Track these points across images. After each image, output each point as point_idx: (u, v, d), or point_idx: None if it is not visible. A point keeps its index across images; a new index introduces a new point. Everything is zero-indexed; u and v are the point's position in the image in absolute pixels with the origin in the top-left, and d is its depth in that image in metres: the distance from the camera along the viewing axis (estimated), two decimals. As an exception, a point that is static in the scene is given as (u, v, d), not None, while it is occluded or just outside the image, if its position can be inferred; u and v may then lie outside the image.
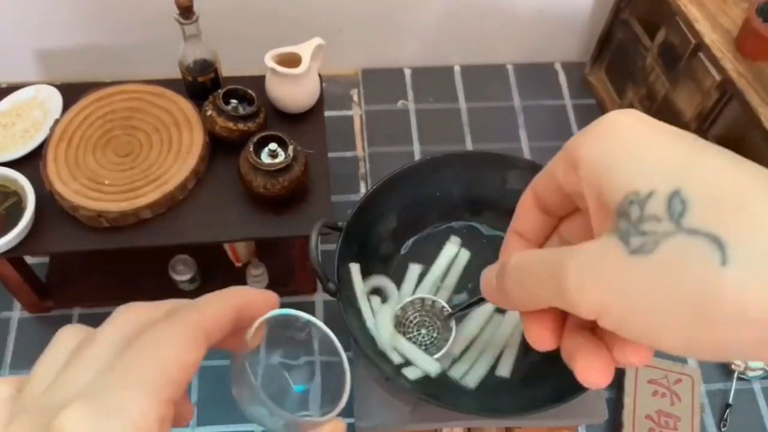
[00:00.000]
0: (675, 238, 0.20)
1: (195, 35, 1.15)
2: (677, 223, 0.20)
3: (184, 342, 0.25)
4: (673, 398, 1.28)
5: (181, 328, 0.25)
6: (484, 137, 1.67)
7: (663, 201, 0.21)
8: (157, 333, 0.24)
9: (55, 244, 1.12)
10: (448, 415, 0.86)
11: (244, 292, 0.28)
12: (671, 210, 0.21)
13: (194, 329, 0.25)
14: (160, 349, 0.24)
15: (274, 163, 1.09)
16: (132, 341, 0.24)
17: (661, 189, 0.21)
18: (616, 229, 0.22)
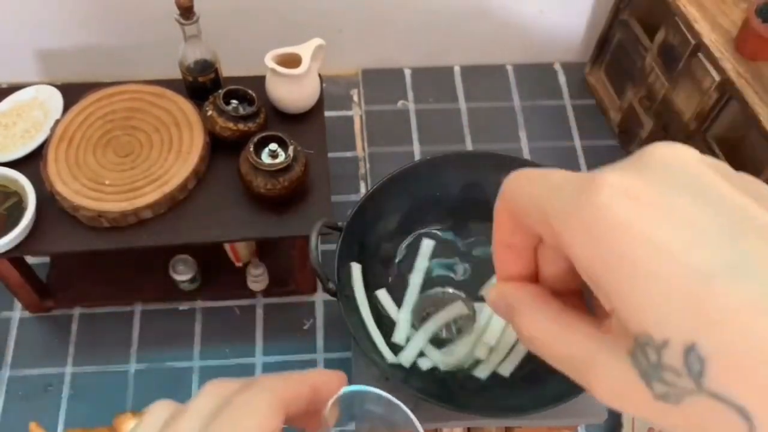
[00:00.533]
0: (698, 397, 0.18)
1: (195, 35, 1.15)
2: (697, 382, 0.18)
3: (267, 409, 0.26)
4: (673, 398, 1.28)
5: (265, 395, 0.26)
6: (484, 137, 1.67)
7: (680, 354, 0.18)
8: (249, 398, 0.26)
9: (55, 244, 1.12)
10: (448, 415, 0.86)
11: (319, 373, 0.30)
12: (689, 366, 0.18)
13: (278, 397, 0.26)
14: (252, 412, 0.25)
15: (274, 163, 1.09)
16: (220, 409, 0.25)
17: (675, 339, 0.18)
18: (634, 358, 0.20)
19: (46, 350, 1.35)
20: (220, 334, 1.37)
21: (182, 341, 1.36)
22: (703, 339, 0.18)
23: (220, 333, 1.37)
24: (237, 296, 1.40)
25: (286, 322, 1.39)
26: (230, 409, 0.25)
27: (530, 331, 0.25)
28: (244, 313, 1.39)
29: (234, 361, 1.34)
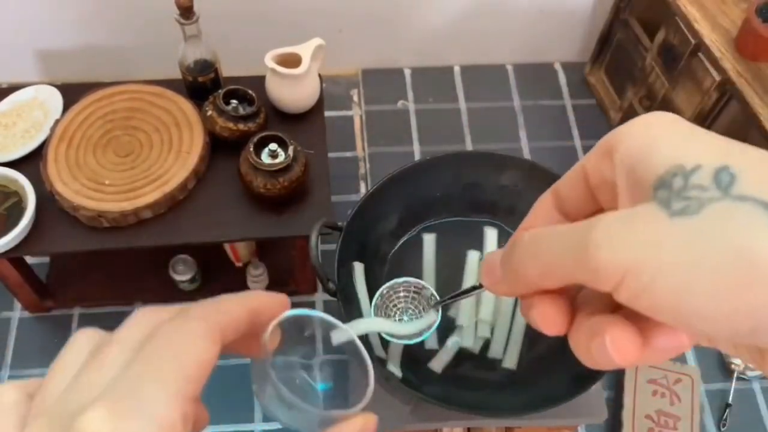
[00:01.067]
0: (721, 202, 0.20)
1: (195, 35, 1.15)
2: (725, 191, 0.20)
3: (202, 338, 0.24)
4: (673, 398, 1.28)
5: (198, 324, 0.25)
6: (484, 137, 1.67)
7: (710, 173, 0.20)
8: (174, 329, 0.24)
9: (55, 244, 1.12)
10: (448, 415, 0.86)
11: (257, 296, 0.28)
12: (718, 181, 0.20)
13: (211, 326, 0.25)
14: (178, 345, 0.24)
15: (274, 163, 1.09)
16: (150, 339, 0.24)
17: (707, 163, 0.21)
18: (653, 197, 0.21)
19: (46, 350, 1.35)
20: (220, 334, 1.37)
21: (182, 341, 1.35)
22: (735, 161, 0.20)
23: (220, 333, 1.37)
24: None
25: (286, 322, 1.38)
26: (159, 339, 0.24)
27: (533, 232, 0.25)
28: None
29: (233, 361, 1.33)
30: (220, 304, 0.26)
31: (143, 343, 0.24)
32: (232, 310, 0.26)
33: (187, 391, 0.23)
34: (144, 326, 0.25)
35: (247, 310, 0.27)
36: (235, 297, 0.27)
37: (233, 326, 0.26)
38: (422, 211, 0.95)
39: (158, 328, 0.24)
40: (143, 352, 0.23)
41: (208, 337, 0.24)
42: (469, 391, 0.85)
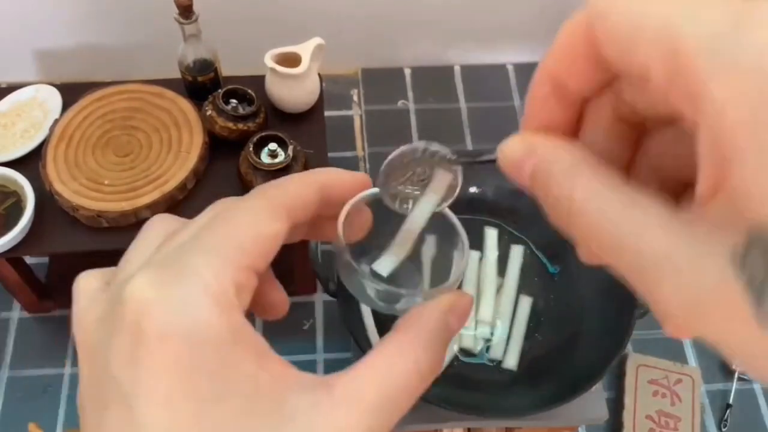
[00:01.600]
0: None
1: (195, 35, 1.15)
2: None
3: (262, 213, 0.23)
4: (674, 398, 1.28)
5: (258, 200, 0.24)
6: (484, 137, 1.67)
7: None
8: (232, 206, 0.24)
9: (54, 244, 1.12)
10: (448, 415, 0.86)
11: (329, 171, 0.27)
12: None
13: (272, 201, 0.24)
14: (235, 219, 0.23)
15: (274, 163, 1.09)
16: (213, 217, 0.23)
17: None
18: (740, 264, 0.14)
19: (45, 351, 1.35)
20: (220, 335, 1.37)
21: (182, 341, 1.35)
22: None
23: (220, 333, 1.37)
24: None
25: (286, 323, 1.38)
26: (221, 216, 0.23)
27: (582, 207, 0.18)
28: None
29: (234, 362, 1.33)
30: (283, 182, 0.25)
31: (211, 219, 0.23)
32: (297, 188, 0.25)
33: (241, 261, 0.22)
34: (216, 209, 0.24)
35: (315, 187, 0.26)
36: (302, 174, 0.26)
37: (299, 204, 0.25)
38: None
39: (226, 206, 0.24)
40: (203, 229, 0.23)
41: (268, 213, 0.24)
42: (469, 392, 0.85)
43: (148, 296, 0.20)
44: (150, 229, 0.25)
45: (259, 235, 0.23)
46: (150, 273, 0.21)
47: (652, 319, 0.86)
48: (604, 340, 0.83)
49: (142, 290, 0.20)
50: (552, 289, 0.90)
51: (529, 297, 0.89)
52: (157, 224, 0.25)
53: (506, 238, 0.93)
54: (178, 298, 0.20)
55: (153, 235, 0.25)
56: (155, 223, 0.25)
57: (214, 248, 0.22)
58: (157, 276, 0.21)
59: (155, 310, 0.20)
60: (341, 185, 0.27)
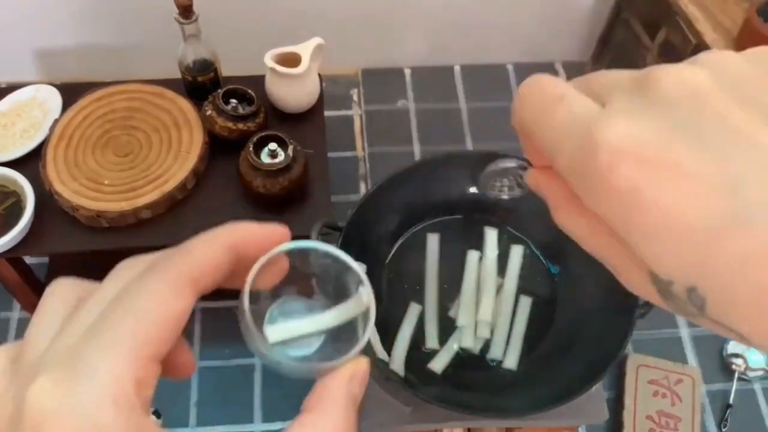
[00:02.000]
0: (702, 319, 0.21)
1: (195, 35, 1.15)
2: (701, 311, 0.21)
3: (162, 293, 0.23)
4: (674, 398, 1.28)
5: (160, 277, 0.23)
6: (484, 137, 1.67)
7: (683, 292, 0.21)
8: (134, 286, 0.23)
9: (54, 244, 1.12)
10: (448, 415, 0.86)
11: (239, 228, 0.25)
12: (692, 301, 0.21)
13: (175, 278, 0.23)
14: (135, 303, 0.22)
15: (274, 163, 1.09)
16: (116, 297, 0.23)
17: (678, 281, 0.21)
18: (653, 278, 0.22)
19: (46, 350, 1.35)
20: (220, 335, 1.36)
21: (182, 341, 1.35)
22: (701, 284, 0.20)
23: (220, 333, 1.37)
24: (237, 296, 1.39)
25: (286, 323, 1.38)
26: (123, 297, 0.22)
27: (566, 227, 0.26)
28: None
29: (234, 362, 1.33)
30: (188, 250, 0.24)
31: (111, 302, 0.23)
32: (204, 254, 0.24)
33: (144, 351, 0.22)
34: (120, 279, 0.24)
35: (225, 249, 0.25)
36: (211, 234, 0.25)
37: (206, 271, 0.24)
38: (422, 211, 0.95)
39: (129, 283, 0.23)
40: (105, 313, 0.22)
41: (169, 291, 0.23)
42: (469, 392, 0.85)
43: (47, 405, 0.20)
44: (51, 300, 0.24)
45: (162, 321, 0.22)
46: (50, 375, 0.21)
47: (652, 319, 0.87)
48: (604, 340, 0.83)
49: (41, 398, 0.20)
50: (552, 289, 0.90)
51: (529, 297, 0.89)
52: (58, 294, 0.25)
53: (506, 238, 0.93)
54: (77, 404, 0.20)
55: (55, 308, 0.24)
56: (56, 292, 0.25)
57: (113, 344, 0.21)
58: (56, 380, 0.21)
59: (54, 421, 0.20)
60: (254, 242, 0.26)
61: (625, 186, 0.20)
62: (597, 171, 0.21)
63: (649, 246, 0.21)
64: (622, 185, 0.20)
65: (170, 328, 0.23)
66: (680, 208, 0.20)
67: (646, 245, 0.21)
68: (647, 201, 0.20)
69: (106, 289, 0.23)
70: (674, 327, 1.43)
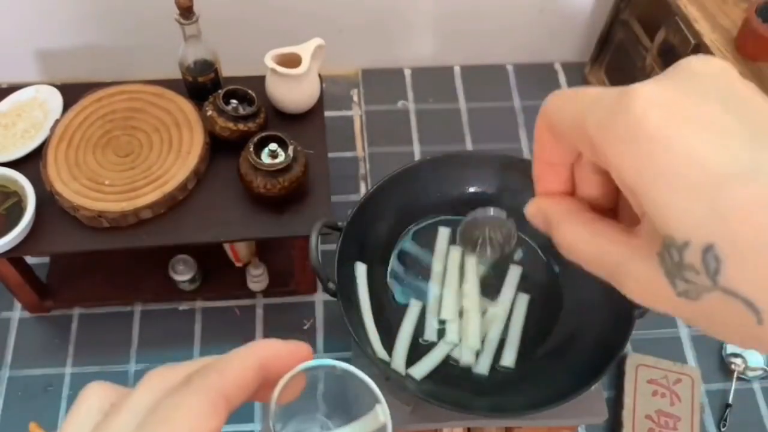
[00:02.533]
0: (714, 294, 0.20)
1: (195, 35, 1.15)
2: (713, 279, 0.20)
3: (199, 411, 0.24)
4: (673, 398, 1.28)
5: (197, 396, 0.24)
6: (484, 137, 1.67)
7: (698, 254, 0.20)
8: (172, 402, 0.24)
9: (55, 244, 1.12)
10: (448, 415, 0.86)
11: (268, 347, 0.27)
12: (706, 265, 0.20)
13: (212, 395, 0.24)
14: (174, 419, 0.23)
15: (274, 163, 1.09)
16: (152, 411, 0.24)
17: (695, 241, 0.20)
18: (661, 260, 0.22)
19: (46, 350, 1.35)
20: (220, 335, 1.37)
21: (182, 341, 1.36)
22: (719, 240, 0.20)
23: (220, 333, 1.37)
24: (237, 296, 1.40)
25: (286, 322, 1.39)
26: (159, 413, 0.23)
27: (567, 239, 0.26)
28: (244, 313, 1.39)
29: (234, 361, 1.33)
30: (223, 367, 0.25)
31: (147, 413, 0.24)
32: (237, 372, 0.25)
33: None
34: (153, 391, 0.25)
35: (256, 366, 0.26)
36: (243, 353, 0.26)
37: (239, 389, 0.25)
38: (422, 211, 0.95)
39: (163, 397, 0.24)
40: (143, 426, 0.23)
41: (206, 410, 0.24)
42: (468, 392, 0.85)
43: None
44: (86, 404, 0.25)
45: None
46: None
47: (652, 319, 0.87)
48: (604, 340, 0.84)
49: None
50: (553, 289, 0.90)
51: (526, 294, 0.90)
52: (93, 398, 0.25)
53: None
54: None
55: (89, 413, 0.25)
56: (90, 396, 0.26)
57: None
58: None
59: None
60: (281, 361, 0.27)
61: (654, 129, 0.21)
62: (628, 119, 0.21)
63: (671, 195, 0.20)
64: (652, 129, 0.21)
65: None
66: (706, 153, 0.20)
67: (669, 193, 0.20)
68: (675, 144, 0.20)
69: (139, 398, 0.24)
70: (674, 327, 1.43)
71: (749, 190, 0.19)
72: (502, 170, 0.93)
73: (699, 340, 1.41)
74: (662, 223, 0.21)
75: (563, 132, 0.25)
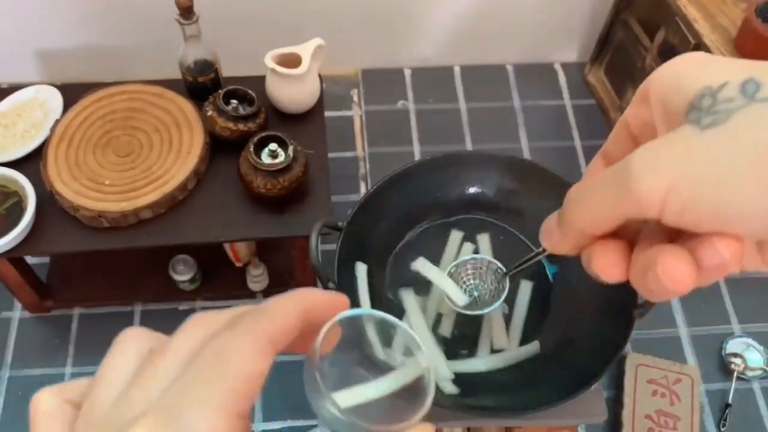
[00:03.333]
0: (748, 108, 0.21)
1: (195, 36, 1.15)
2: (751, 97, 0.21)
3: (251, 353, 0.24)
4: (673, 398, 1.28)
5: (247, 338, 0.24)
6: (484, 137, 1.67)
7: (737, 87, 0.22)
8: (222, 344, 0.23)
9: (55, 244, 1.12)
10: (448, 415, 0.86)
11: (311, 295, 0.27)
12: (745, 91, 0.21)
13: (260, 338, 0.24)
14: (226, 361, 0.23)
15: (274, 163, 1.09)
16: (199, 353, 0.23)
17: (734, 79, 0.22)
18: (685, 120, 0.22)
19: (46, 350, 1.35)
20: (220, 334, 1.37)
21: (182, 341, 1.36)
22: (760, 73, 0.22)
23: (220, 333, 1.37)
24: (237, 296, 1.40)
25: (286, 322, 1.39)
26: (208, 352, 0.23)
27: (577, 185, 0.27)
28: (244, 313, 1.39)
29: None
30: (269, 311, 0.25)
31: (194, 355, 0.23)
32: (283, 316, 0.25)
33: (235, 407, 0.22)
34: (197, 335, 0.24)
35: (299, 313, 0.26)
36: (287, 299, 0.26)
37: (284, 333, 0.25)
38: (422, 211, 0.95)
39: (210, 339, 0.24)
40: (192, 367, 0.23)
41: (257, 351, 0.24)
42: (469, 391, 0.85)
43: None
44: (124, 347, 0.25)
45: (252, 379, 0.23)
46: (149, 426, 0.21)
47: (652, 319, 0.87)
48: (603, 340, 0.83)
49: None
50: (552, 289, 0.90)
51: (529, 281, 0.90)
52: (131, 342, 0.25)
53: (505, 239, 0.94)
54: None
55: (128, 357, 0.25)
56: (128, 340, 0.25)
57: (210, 402, 0.22)
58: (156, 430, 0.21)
59: None
60: (322, 309, 0.27)
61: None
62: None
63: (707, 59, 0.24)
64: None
65: (256, 386, 0.23)
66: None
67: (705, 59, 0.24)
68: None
69: (182, 343, 0.24)
70: (673, 327, 1.43)
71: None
72: (502, 170, 0.93)
73: (698, 340, 1.41)
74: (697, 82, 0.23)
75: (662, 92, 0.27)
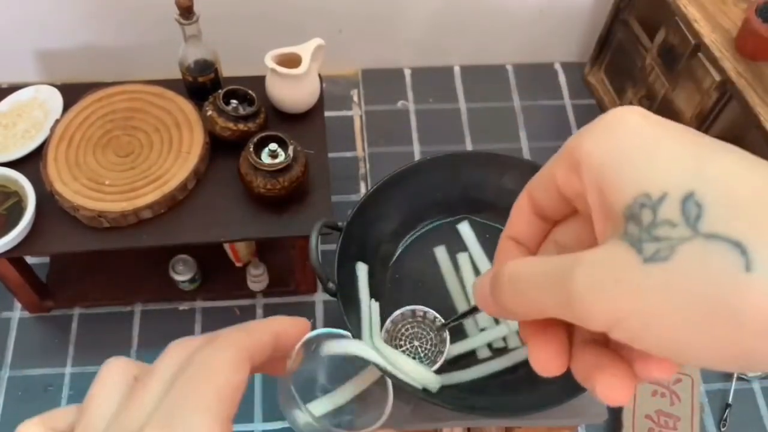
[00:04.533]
0: (692, 243, 0.19)
1: (195, 35, 1.15)
2: (693, 227, 0.19)
3: (233, 363, 0.26)
4: (673, 398, 1.28)
5: (229, 351, 0.26)
6: (484, 137, 1.67)
7: (677, 204, 0.19)
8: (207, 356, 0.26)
9: (55, 244, 1.12)
10: (448, 415, 0.86)
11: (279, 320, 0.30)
12: (686, 214, 0.19)
13: (241, 351, 0.26)
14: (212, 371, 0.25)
15: (274, 163, 1.09)
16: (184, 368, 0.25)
17: (673, 192, 0.20)
18: (625, 234, 0.20)
19: (46, 350, 1.35)
20: (220, 334, 1.37)
21: (182, 341, 1.36)
22: (701, 186, 0.19)
23: (220, 333, 1.37)
24: (237, 296, 1.40)
25: (286, 322, 1.39)
26: (194, 366, 0.25)
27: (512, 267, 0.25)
28: (244, 313, 1.39)
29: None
30: (246, 329, 0.28)
31: (178, 373, 0.25)
32: (259, 334, 0.28)
33: (224, 411, 0.24)
34: (178, 357, 0.26)
35: (271, 335, 0.29)
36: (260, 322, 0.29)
37: (260, 350, 0.28)
38: (422, 211, 0.95)
39: (191, 357, 0.26)
40: (179, 381, 0.25)
41: (238, 362, 0.26)
42: (468, 392, 0.85)
43: None
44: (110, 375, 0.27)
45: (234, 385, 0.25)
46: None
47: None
48: (603, 340, 0.84)
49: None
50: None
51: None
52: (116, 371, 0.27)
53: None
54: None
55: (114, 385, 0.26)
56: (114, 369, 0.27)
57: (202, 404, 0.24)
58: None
59: None
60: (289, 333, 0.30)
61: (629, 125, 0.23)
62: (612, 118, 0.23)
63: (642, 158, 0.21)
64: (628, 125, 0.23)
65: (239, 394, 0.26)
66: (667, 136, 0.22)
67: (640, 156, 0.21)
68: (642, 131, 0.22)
69: (163, 368, 0.26)
70: (673, 327, 1.43)
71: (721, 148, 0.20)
72: (502, 170, 0.93)
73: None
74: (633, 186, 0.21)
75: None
